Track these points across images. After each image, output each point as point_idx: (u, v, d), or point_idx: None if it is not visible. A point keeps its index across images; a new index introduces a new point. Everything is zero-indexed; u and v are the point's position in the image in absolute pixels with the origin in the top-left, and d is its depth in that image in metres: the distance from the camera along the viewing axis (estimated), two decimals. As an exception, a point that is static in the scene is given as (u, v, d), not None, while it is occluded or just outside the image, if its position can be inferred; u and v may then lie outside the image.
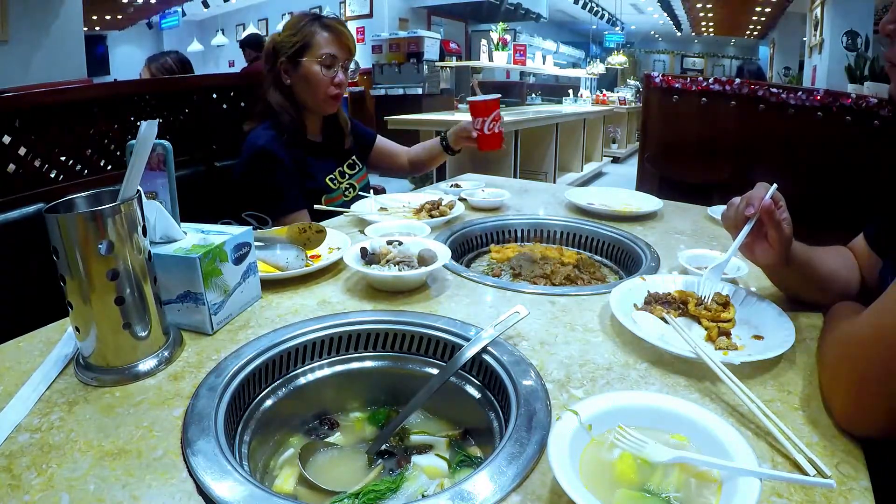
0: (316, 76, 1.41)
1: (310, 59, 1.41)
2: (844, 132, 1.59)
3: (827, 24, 6.29)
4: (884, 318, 0.53)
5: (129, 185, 0.61)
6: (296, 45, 1.41)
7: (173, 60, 2.60)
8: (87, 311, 0.60)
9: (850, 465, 0.50)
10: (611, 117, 7.51)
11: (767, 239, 0.72)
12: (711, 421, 0.48)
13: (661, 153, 1.98)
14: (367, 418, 0.71)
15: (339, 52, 1.43)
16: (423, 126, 3.86)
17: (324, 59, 1.41)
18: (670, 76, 1.89)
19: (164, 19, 10.18)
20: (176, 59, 2.62)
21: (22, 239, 1.07)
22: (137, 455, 0.51)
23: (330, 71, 1.42)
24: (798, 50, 9.85)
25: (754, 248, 0.74)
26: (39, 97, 1.26)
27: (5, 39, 4.47)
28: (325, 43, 1.41)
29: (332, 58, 1.41)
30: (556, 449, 0.44)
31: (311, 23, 1.43)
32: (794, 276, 0.79)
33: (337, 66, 1.43)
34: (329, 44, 1.42)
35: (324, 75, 1.41)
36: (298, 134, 1.43)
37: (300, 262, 0.90)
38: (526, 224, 1.28)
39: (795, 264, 0.75)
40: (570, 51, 13.94)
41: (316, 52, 1.41)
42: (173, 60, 2.60)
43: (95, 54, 8.40)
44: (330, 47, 1.41)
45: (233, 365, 0.64)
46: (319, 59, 1.40)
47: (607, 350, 0.69)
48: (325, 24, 1.43)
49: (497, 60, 6.93)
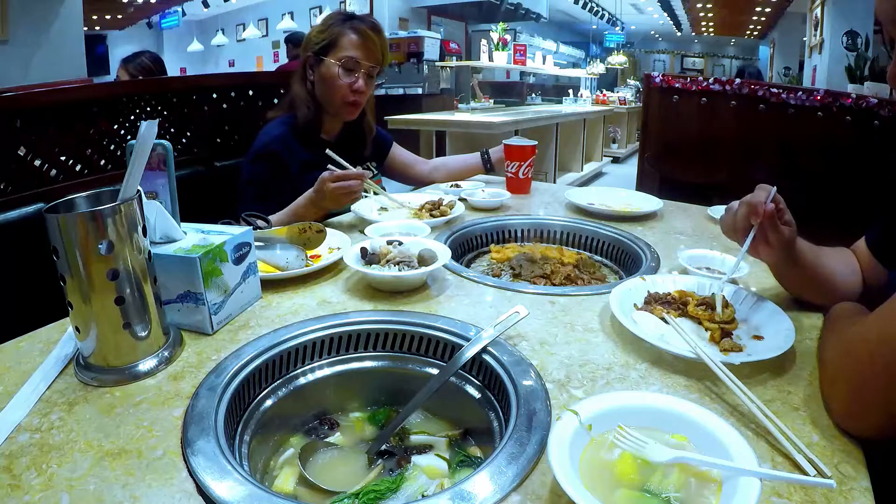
0: (334, 78, 1.36)
1: (331, 59, 1.36)
2: (844, 132, 1.59)
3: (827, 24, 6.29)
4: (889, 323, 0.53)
5: (129, 185, 0.61)
6: (322, 41, 1.37)
7: (149, 59, 2.63)
8: (87, 311, 0.60)
9: (850, 465, 0.50)
10: (611, 117, 7.51)
11: (768, 241, 0.72)
12: (711, 421, 0.48)
13: (662, 153, 1.98)
14: (367, 418, 0.71)
15: (364, 57, 1.37)
16: (423, 126, 3.86)
17: (344, 61, 1.35)
18: (670, 76, 1.90)
19: (164, 19, 10.18)
20: (151, 57, 2.66)
21: (22, 239, 1.07)
22: (137, 455, 0.51)
23: (349, 75, 1.36)
24: (798, 50, 9.85)
25: (758, 248, 0.75)
26: (39, 97, 1.26)
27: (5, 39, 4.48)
28: (350, 45, 1.36)
29: (353, 62, 1.36)
30: (556, 449, 0.44)
31: (341, 22, 1.38)
32: (800, 276, 0.79)
33: (358, 71, 1.37)
34: (354, 47, 1.36)
35: (342, 79, 1.36)
36: (313, 131, 1.40)
37: (300, 262, 0.90)
38: (526, 224, 1.28)
39: (801, 264, 0.76)
40: (570, 51, 13.94)
41: (339, 54, 1.36)
42: (149, 59, 2.63)
43: (95, 54, 8.39)
44: (354, 51, 1.36)
45: (233, 365, 0.64)
46: (340, 61, 1.35)
47: (607, 350, 0.69)
48: (355, 26, 1.37)
49: (497, 60, 6.93)
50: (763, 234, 0.72)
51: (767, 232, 0.72)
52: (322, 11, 8.22)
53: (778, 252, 0.73)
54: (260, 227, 0.96)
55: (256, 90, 1.70)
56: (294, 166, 1.34)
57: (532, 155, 1.50)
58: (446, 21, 8.98)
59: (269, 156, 1.33)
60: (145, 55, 2.66)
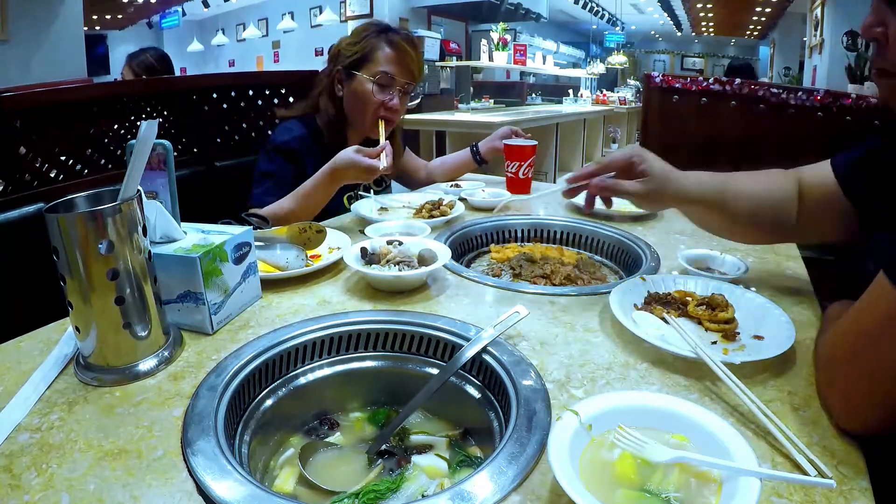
0: (367, 95, 1.29)
1: (365, 74, 1.29)
2: (844, 132, 1.59)
3: (827, 24, 6.29)
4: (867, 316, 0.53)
5: (129, 185, 0.61)
6: (354, 55, 1.30)
7: (153, 57, 2.61)
8: (87, 311, 0.60)
9: (850, 465, 0.50)
10: (611, 117, 7.51)
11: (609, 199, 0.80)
12: (711, 421, 0.48)
13: (661, 153, 1.98)
14: (367, 418, 0.71)
15: (400, 73, 1.31)
16: (423, 126, 3.86)
17: (379, 77, 1.29)
18: (670, 76, 1.90)
19: (164, 19, 10.18)
20: (155, 55, 2.63)
21: (22, 239, 1.07)
22: (137, 455, 0.51)
23: (384, 92, 1.30)
24: (798, 50, 9.85)
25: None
26: (39, 97, 1.26)
27: (5, 39, 4.48)
28: (386, 60, 1.29)
29: (389, 78, 1.29)
30: (556, 449, 0.44)
31: (376, 34, 1.31)
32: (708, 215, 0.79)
33: (393, 88, 1.31)
34: (390, 62, 1.29)
35: (376, 96, 1.29)
36: (333, 140, 1.34)
37: (300, 262, 0.90)
38: (526, 224, 1.28)
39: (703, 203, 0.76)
40: (571, 51, 13.94)
41: (373, 69, 1.29)
42: (153, 57, 2.61)
43: (95, 54, 8.38)
44: (389, 66, 1.29)
45: (233, 365, 0.64)
46: (374, 76, 1.29)
47: (607, 350, 0.69)
48: (391, 39, 1.31)
49: (497, 60, 6.94)
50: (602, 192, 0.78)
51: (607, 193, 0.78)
52: (322, 11, 8.22)
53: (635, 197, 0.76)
54: (260, 227, 0.96)
55: (256, 90, 1.70)
56: (310, 168, 1.31)
57: (532, 155, 1.50)
58: (446, 21, 8.97)
59: (288, 152, 1.30)
60: (149, 52, 2.63)
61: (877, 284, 0.53)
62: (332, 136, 1.35)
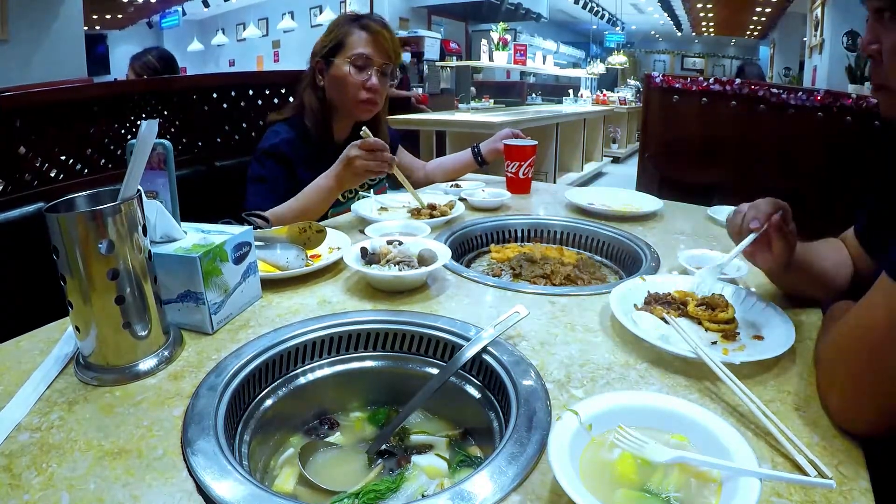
0: (346, 77, 1.33)
1: (341, 59, 1.34)
2: (844, 132, 1.59)
3: (827, 25, 6.29)
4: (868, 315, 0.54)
5: (129, 185, 0.61)
6: (329, 44, 1.35)
7: (155, 58, 2.59)
8: (87, 311, 0.60)
9: (850, 466, 0.50)
10: (611, 117, 7.51)
11: (771, 248, 0.73)
12: (711, 421, 0.48)
13: (662, 153, 1.98)
14: (367, 418, 0.71)
15: (375, 54, 1.35)
16: (423, 126, 3.86)
17: (354, 59, 1.33)
18: (670, 76, 1.90)
19: (164, 19, 10.19)
20: (157, 55, 2.61)
21: (22, 239, 1.07)
22: (137, 455, 0.51)
23: (361, 73, 1.34)
24: (798, 50, 9.85)
25: (756, 255, 0.75)
26: (39, 97, 1.26)
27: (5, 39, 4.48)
28: (360, 43, 1.34)
29: (364, 59, 1.33)
30: (556, 449, 0.44)
31: (348, 23, 1.36)
32: (794, 276, 0.79)
33: (371, 68, 1.34)
34: (364, 44, 1.34)
35: (354, 77, 1.33)
36: (323, 135, 1.38)
37: (300, 261, 0.90)
38: (526, 224, 1.28)
39: (795, 266, 0.76)
40: (571, 51, 13.95)
41: (348, 52, 1.34)
42: (155, 58, 2.59)
43: (95, 54, 8.39)
44: (364, 48, 1.33)
45: (233, 364, 0.64)
46: (350, 59, 1.33)
47: (607, 350, 0.69)
48: (363, 24, 1.36)
49: (497, 60, 6.93)
50: (766, 241, 0.73)
51: (773, 241, 0.72)
52: (322, 11, 8.22)
53: (779, 262, 0.73)
54: (260, 227, 0.96)
55: (257, 90, 1.70)
56: (301, 169, 1.33)
57: (532, 155, 1.50)
58: (446, 21, 8.98)
59: (278, 155, 1.32)
60: (152, 53, 2.61)
61: (879, 285, 0.53)
62: (319, 130, 1.38)
